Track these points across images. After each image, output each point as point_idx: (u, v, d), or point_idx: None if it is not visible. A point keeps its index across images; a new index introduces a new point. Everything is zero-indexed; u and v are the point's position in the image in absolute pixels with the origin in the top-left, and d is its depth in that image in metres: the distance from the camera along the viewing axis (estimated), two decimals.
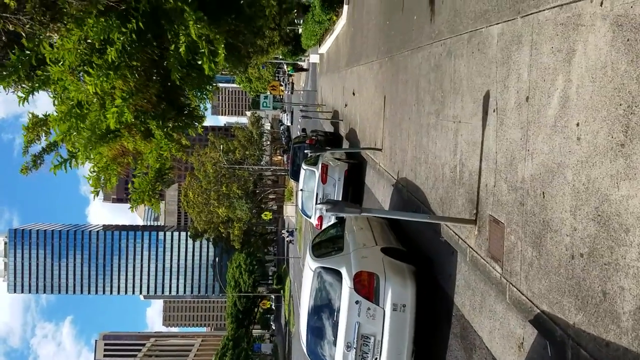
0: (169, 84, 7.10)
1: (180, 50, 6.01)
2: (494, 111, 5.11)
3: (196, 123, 7.99)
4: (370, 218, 9.31)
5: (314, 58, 35.08)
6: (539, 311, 4.24)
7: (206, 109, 10.68)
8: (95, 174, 7.66)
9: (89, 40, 6.53)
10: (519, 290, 4.59)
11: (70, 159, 7.35)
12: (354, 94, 15.86)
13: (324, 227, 14.93)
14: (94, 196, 7.70)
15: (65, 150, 7.51)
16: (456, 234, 6.21)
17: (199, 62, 6.45)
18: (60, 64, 6.63)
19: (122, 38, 6.24)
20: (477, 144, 5.46)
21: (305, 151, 16.88)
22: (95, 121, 6.29)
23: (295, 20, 32.05)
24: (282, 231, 69.15)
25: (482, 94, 5.37)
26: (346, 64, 18.19)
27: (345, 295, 6.86)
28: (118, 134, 7.32)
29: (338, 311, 6.94)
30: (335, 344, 6.91)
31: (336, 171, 14.46)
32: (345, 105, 17.94)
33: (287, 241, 64.73)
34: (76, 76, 6.82)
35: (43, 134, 7.60)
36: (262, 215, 66.12)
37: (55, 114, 7.29)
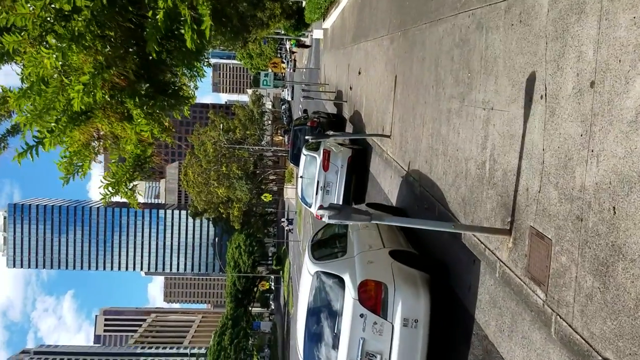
0: (150, 58, 6.04)
1: (158, 17, 4.95)
2: (541, 97, 4.07)
3: (182, 105, 6.94)
4: None
5: (317, 33, 33.63)
6: (600, 358, 3.30)
7: (196, 88, 9.59)
8: (66, 159, 6.68)
9: (54, 5, 5.46)
10: (570, 326, 3.65)
11: (37, 145, 6.35)
12: (359, 73, 14.73)
13: (325, 218, 14.01)
14: (64, 183, 6.72)
15: (31, 134, 6.50)
16: (481, 242, 5.25)
17: (183, 33, 5.39)
18: (19, 32, 5.57)
19: (90, 4, 5.17)
20: (516, 138, 4.44)
21: (307, 137, 15.83)
22: (51, 100, 5.25)
23: None
24: (282, 220, 68.44)
25: (525, 75, 4.32)
26: (352, 40, 16.98)
27: (348, 306, 5.95)
28: (91, 115, 6.30)
29: (340, 324, 6.04)
30: None
31: (339, 158, 13.44)
32: (350, 87, 16.80)
33: (286, 230, 64.07)
34: (36, 48, 5.76)
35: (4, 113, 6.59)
36: (262, 197, 65.31)
37: (16, 90, 6.25)
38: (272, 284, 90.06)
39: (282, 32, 36.08)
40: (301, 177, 14.78)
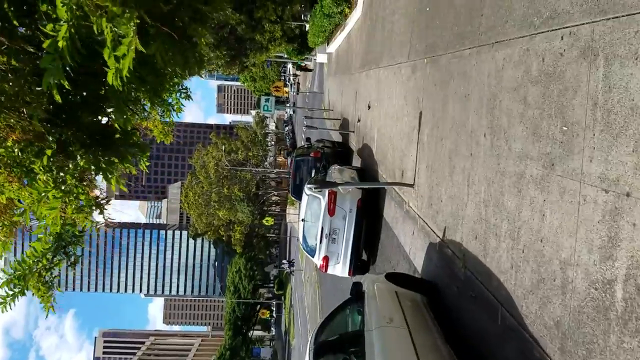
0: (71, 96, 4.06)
1: (60, 35, 2.98)
2: None
3: (133, 155, 4.95)
4: (402, 297, 6.25)
5: (321, 58, 31.98)
6: None
7: (171, 126, 7.64)
8: None
9: None
10: None
11: None
12: (369, 107, 12.80)
13: (331, 269, 11.94)
14: None
15: None
16: None
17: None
18: None
19: None
20: None
21: (310, 181, 13.85)
22: None
23: (302, 16, 29.02)
24: (283, 262, 66.38)
25: None
26: (361, 66, 15.13)
27: None
28: None
29: None
30: None
31: (347, 200, 11.41)
32: (359, 120, 14.87)
33: (287, 272, 61.94)
34: None
35: None
36: (264, 221, 63.21)
37: None
38: (274, 310, 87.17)
39: (285, 55, 34.54)
40: (303, 220, 12.73)
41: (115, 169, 4.67)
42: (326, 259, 11.59)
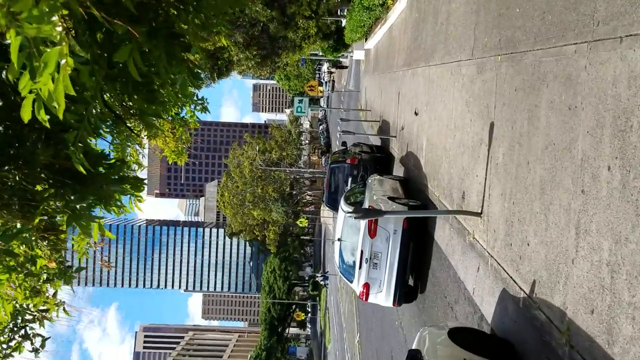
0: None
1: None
2: None
3: (121, 194, 3.69)
4: None
5: (358, 54, 30.43)
6: None
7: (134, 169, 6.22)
8: None
9: None
10: None
11: None
12: (416, 113, 11.24)
13: (372, 297, 10.49)
14: None
15: None
16: None
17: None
18: None
19: None
20: None
21: (347, 196, 12.43)
22: None
23: (339, 11, 27.56)
24: (317, 275, 65.39)
25: None
26: (404, 63, 13.57)
27: None
28: None
29: None
30: None
31: (390, 220, 9.93)
32: (402, 128, 13.32)
33: (322, 284, 61.01)
34: None
35: None
36: (297, 223, 62.30)
37: None
38: (309, 312, 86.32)
39: (320, 53, 33.16)
40: (339, 240, 11.34)
41: (93, 217, 3.41)
42: (367, 286, 10.16)
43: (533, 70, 5.03)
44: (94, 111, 2.38)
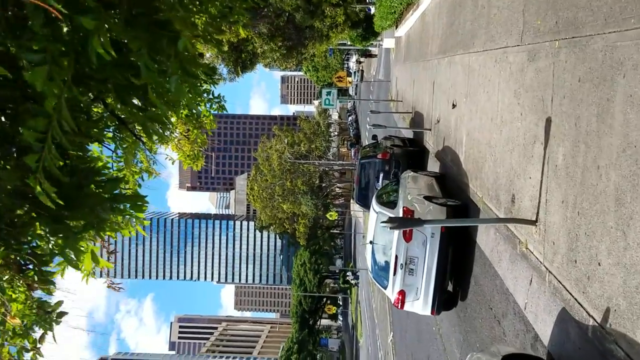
0: None
1: None
2: None
3: (119, 215, 3.15)
4: None
5: (388, 43, 29.44)
6: None
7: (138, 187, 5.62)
8: None
9: None
10: None
11: None
12: (454, 106, 10.40)
13: (408, 305, 9.80)
14: None
15: None
16: None
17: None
18: None
19: None
20: None
21: (379, 195, 11.69)
22: None
23: None
24: (347, 274, 64.87)
25: None
26: (440, 51, 12.68)
27: None
28: None
29: None
30: None
31: None
32: (438, 120, 12.47)
33: (352, 283, 60.51)
34: None
35: None
36: (327, 216, 61.81)
37: None
38: (340, 305, 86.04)
39: (348, 42, 32.26)
40: (370, 242, 10.67)
41: (85, 245, 2.87)
42: (402, 293, 9.47)
43: (604, 57, 4.21)
44: (59, 126, 1.82)
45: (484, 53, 8.20)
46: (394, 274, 9.42)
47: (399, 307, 9.64)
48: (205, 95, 5.25)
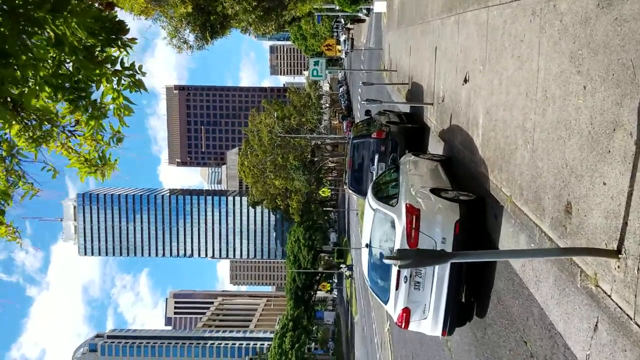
0: None
1: None
2: None
3: None
4: None
5: (379, 6, 27.03)
6: None
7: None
8: None
9: None
10: None
11: None
12: (466, 80, 8.35)
13: (414, 325, 8.02)
14: None
15: None
16: None
17: None
18: None
19: None
20: None
21: (374, 188, 9.69)
22: None
23: None
24: (341, 266, 63.52)
25: None
26: (444, 9, 10.53)
27: None
28: None
29: None
30: None
31: (437, 223, 7.32)
32: (443, 98, 10.42)
33: (345, 275, 59.32)
34: None
35: None
36: (320, 192, 60.07)
37: None
38: (335, 282, 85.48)
39: (337, 7, 29.69)
40: (366, 246, 8.80)
41: None
42: (407, 311, 7.66)
43: None
44: None
45: (512, 4, 6.14)
46: (397, 287, 7.59)
47: (403, 326, 7.85)
48: (109, 66, 3.28)
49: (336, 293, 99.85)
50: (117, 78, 3.37)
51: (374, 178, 13.59)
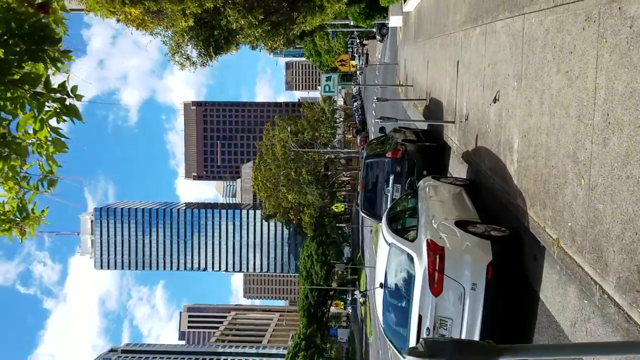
0: None
1: None
2: None
3: None
4: None
5: (395, 21, 26.10)
6: None
7: None
8: None
9: None
10: None
11: None
12: (495, 100, 7.33)
13: None
14: None
15: None
16: None
17: None
18: None
19: None
20: None
21: (389, 218, 8.60)
22: None
23: None
24: (355, 292, 62.31)
25: None
26: (467, 19, 9.58)
27: None
28: None
29: None
30: None
31: (466, 265, 6.26)
32: (467, 117, 9.41)
33: (360, 302, 58.12)
34: None
35: None
36: (333, 207, 59.02)
37: None
38: (348, 299, 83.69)
39: (351, 22, 28.94)
40: (381, 286, 7.73)
41: None
42: None
43: None
44: None
45: (556, 10, 5.14)
46: (417, 340, 6.52)
47: None
48: (28, 87, 2.36)
49: (350, 310, 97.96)
50: (37, 103, 2.45)
51: (389, 202, 12.55)
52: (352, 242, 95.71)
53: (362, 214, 14.31)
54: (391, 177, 12.88)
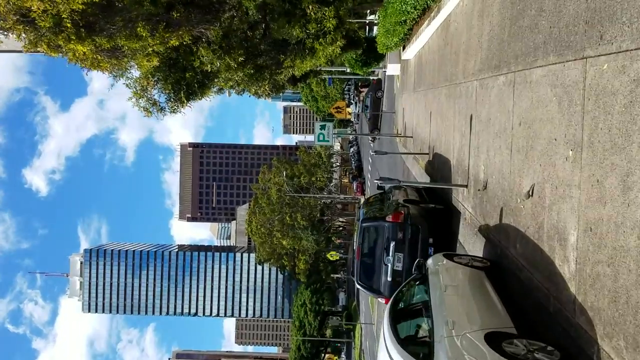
0: None
1: None
2: None
3: None
4: None
5: (392, 69, 24.78)
6: None
7: None
8: None
9: None
10: None
11: None
12: (530, 195, 5.52)
13: None
14: None
15: None
16: None
17: None
18: None
19: None
20: None
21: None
22: None
23: (367, 12, 22.15)
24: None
25: None
26: (483, 67, 7.92)
27: None
28: None
29: None
30: None
31: None
32: (484, 186, 7.59)
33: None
34: None
35: None
36: (328, 256, 56.67)
37: None
38: (344, 350, 79.75)
39: (348, 69, 27.82)
40: None
41: None
42: None
43: None
44: None
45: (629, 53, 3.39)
46: None
47: None
48: None
49: (344, 357, 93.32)
50: None
51: (389, 274, 10.62)
52: (347, 289, 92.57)
53: (358, 286, 12.26)
54: (392, 245, 10.94)
